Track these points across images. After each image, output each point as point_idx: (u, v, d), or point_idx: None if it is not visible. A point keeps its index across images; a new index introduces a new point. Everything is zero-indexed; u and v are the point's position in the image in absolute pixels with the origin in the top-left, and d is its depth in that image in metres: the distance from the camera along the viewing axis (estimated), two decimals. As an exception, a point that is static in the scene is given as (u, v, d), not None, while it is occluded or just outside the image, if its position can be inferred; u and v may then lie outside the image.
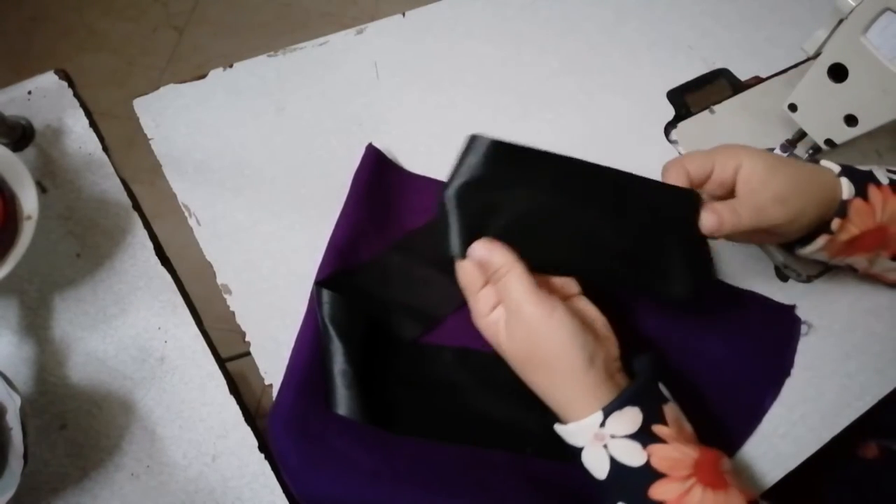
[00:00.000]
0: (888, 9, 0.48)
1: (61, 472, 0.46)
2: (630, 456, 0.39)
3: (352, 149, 0.57)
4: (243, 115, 0.60)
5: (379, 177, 0.56)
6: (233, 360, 0.61)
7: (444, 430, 0.48)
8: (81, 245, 0.53)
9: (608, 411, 0.39)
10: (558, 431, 0.42)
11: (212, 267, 0.53)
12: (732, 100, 0.63)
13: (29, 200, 0.48)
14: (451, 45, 0.65)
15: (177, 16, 1.71)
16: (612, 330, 0.44)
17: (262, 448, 0.48)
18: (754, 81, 0.65)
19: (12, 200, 0.48)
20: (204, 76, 0.61)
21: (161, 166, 0.57)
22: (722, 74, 0.66)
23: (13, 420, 0.41)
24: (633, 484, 0.39)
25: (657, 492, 0.38)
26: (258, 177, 0.57)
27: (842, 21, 0.52)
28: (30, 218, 0.47)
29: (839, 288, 0.57)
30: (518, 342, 0.41)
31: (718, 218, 0.44)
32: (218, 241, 0.54)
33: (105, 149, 0.56)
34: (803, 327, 0.55)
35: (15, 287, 0.51)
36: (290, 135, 0.59)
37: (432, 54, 0.65)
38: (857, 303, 0.56)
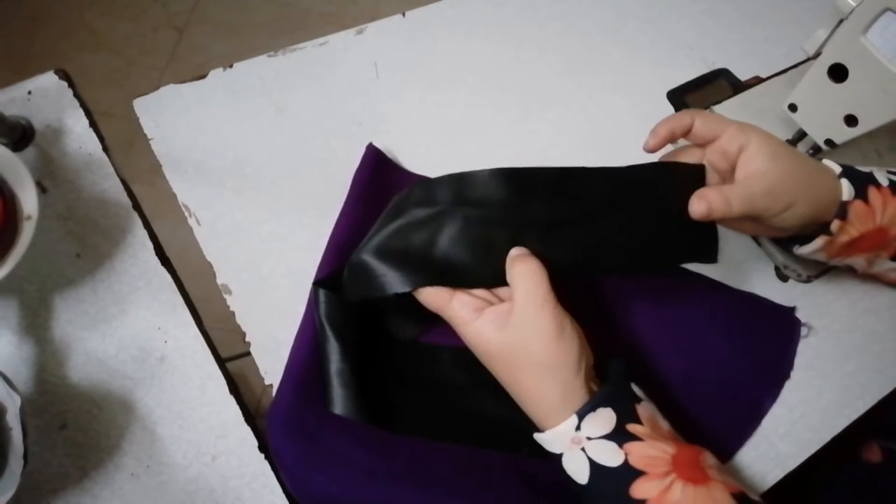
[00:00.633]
0: (888, 9, 0.48)
1: (61, 472, 0.46)
2: (608, 456, 0.39)
3: (352, 149, 0.57)
4: (243, 115, 0.60)
5: (379, 176, 0.56)
6: (233, 360, 0.61)
7: (441, 429, 0.48)
8: (81, 245, 0.53)
9: (582, 414, 0.39)
10: (538, 440, 0.42)
11: (212, 267, 0.53)
12: (732, 100, 0.63)
13: (29, 200, 0.48)
14: (451, 45, 0.65)
15: (177, 16, 1.71)
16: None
17: (262, 448, 0.48)
18: (754, 81, 0.65)
19: (12, 200, 0.48)
20: (204, 76, 0.61)
21: (161, 166, 0.57)
22: (722, 74, 0.65)
23: (13, 420, 0.41)
24: (614, 484, 0.39)
25: (638, 490, 0.38)
26: (258, 177, 0.57)
27: (842, 21, 0.52)
28: (30, 218, 0.47)
29: (839, 288, 0.57)
30: (512, 343, 0.41)
31: (708, 205, 0.44)
32: (218, 241, 0.54)
33: (105, 149, 0.56)
34: (803, 329, 0.55)
35: (15, 287, 0.51)
36: (290, 135, 0.59)
37: (432, 54, 0.65)
38: (857, 303, 0.56)
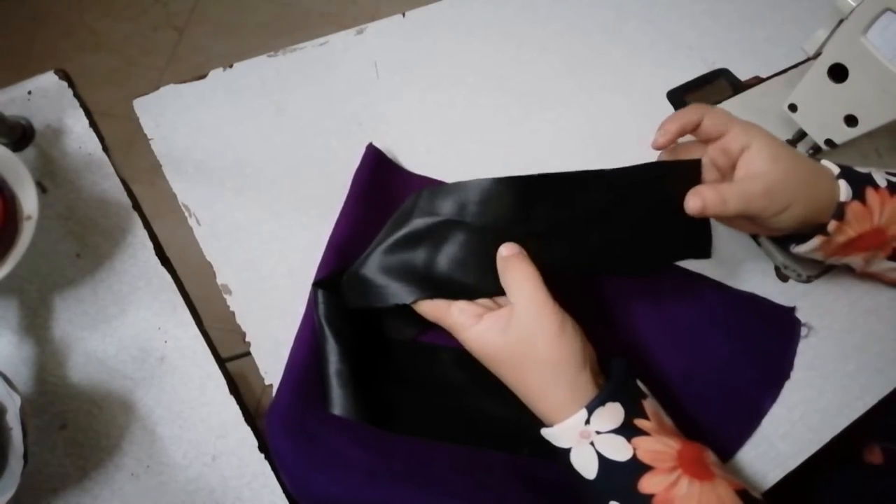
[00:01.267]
0: (888, 9, 0.48)
1: (61, 472, 0.46)
2: (616, 450, 0.39)
3: (352, 149, 0.57)
4: (243, 115, 0.60)
5: (379, 176, 0.56)
6: (233, 360, 0.61)
7: (440, 429, 0.48)
8: (81, 245, 0.53)
9: (591, 408, 0.39)
10: (545, 435, 0.42)
11: (212, 267, 0.53)
12: (732, 100, 0.63)
13: (29, 200, 0.48)
14: (451, 45, 0.65)
15: (177, 16, 1.71)
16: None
17: (262, 448, 0.48)
18: (754, 81, 0.65)
19: (12, 200, 0.48)
20: (204, 76, 0.61)
21: (161, 166, 0.57)
22: (722, 74, 0.65)
23: (13, 420, 0.41)
24: (622, 479, 0.39)
25: (646, 485, 0.38)
26: (258, 177, 0.57)
27: (842, 21, 0.52)
28: (30, 218, 0.47)
29: (839, 288, 0.57)
30: (515, 344, 0.41)
31: (703, 202, 0.45)
32: (218, 241, 0.54)
33: (105, 149, 0.56)
34: (803, 329, 0.55)
35: (15, 287, 0.51)
36: (290, 135, 0.59)
37: (432, 54, 0.65)
38: (857, 303, 0.56)
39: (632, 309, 0.54)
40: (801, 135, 0.57)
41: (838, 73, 0.52)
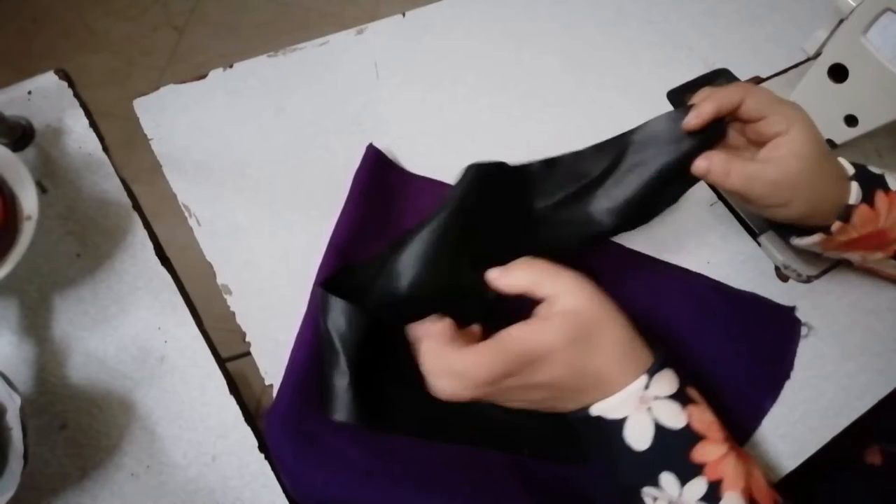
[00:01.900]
0: (888, 9, 0.48)
1: (61, 472, 0.46)
2: (673, 417, 0.39)
3: (352, 149, 0.57)
4: (243, 115, 0.60)
5: (379, 177, 0.56)
6: (233, 360, 0.61)
7: (440, 430, 0.48)
8: (81, 245, 0.53)
9: (652, 372, 0.39)
10: (597, 412, 0.40)
11: (212, 267, 0.53)
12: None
13: (29, 200, 0.48)
14: (451, 45, 0.65)
15: (177, 16, 1.71)
16: None
17: (262, 448, 0.48)
18: (754, 81, 0.65)
19: (12, 200, 0.48)
20: (204, 76, 0.61)
21: (161, 166, 0.57)
22: (722, 74, 0.65)
23: (13, 420, 0.41)
24: (676, 448, 0.38)
25: (698, 454, 0.38)
26: (258, 177, 0.57)
27: (842, 21, 0.52)
28: (30, 218, 0.47)
29: (839, 288, 0.57)
30: (567, 332, 0.39)
31: (708, 167, 0.46)
32: (218, 241, 0.54)
33: (105, 149, 0.56)
34: (803, 329, 0.55)
35: (15, 287, 0.51)
36: (290, 135, 0.59)
37: (432, 54, 0.65)
38: (857, 303, 0.56)
39: (631, 308, 0.54)
40: (801, 135, 0.57)
41: (838, 73, 0.52)
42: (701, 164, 0.46)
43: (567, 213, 0.49)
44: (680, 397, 0.39)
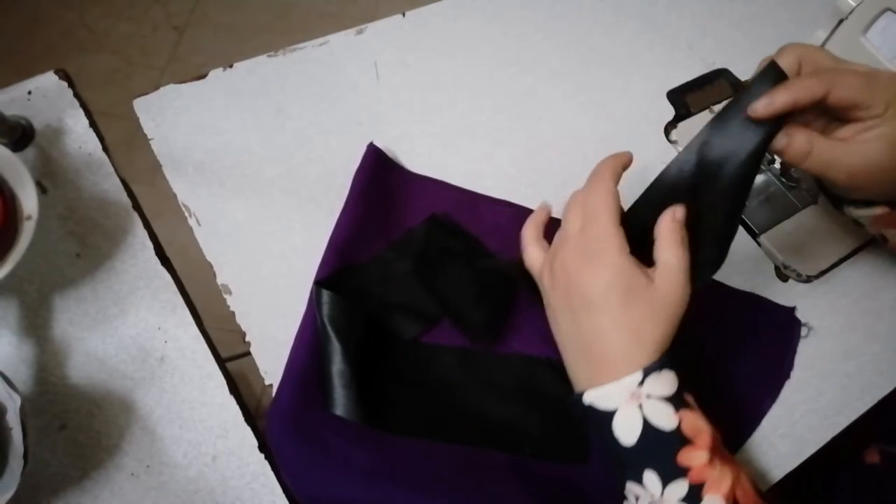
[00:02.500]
0: (888, 9, 0.48)
1: (61, 472, 0.46)
2: (663, 418, 0.38)
3: (352, 149, 0.57)
4: (243, 115, 0.60)
5: (380, 176, 0.56)
6: (233, 360, 0.61)
7: (441, 430, 0.48)
8: (81, 245, 0.53)
9: (648, 371, 0.39)
10: (589, 400, 0.40)
11: (212, 267, 0.53)
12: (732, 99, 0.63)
13: (29, 200, 0.48)
14: (451, 45, 0.65)
15: (177, 16, 1.71)
16: None
17: (262, 448, 0.48)
18: (754, 81, 0.65)
19: (12, 200, 0.48)
20: (204, 76, 0.61)
21: (161, 166, 0.57)
22: (722, 74, 0.65)
23: (13, 420, 0.41)
24: (663, 448, 0.38)
25: (684, 458, 0.38)
26: (258, 177, 0.57)
27: (842, 21, 0.52)
28: (30, 218, 0.47)
29: (839, 288, 0.57)
30: (602, 281, 0.40)
31: (787, 144, 0.41)
32: (218, 241, 0.54)
33: (105, 149, 0.56)
34: (803, 329, 0.55)
35: (15, 287, 0.51)
36: (290, 135, 0.59)
37: (432, 54, 0.65)
38: (857, 303, 0.56)
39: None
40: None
41: (838, 73, 0.52)
42: (780, 141, 0.41)
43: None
44: (675, 400, 0.39)
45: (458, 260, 0.53)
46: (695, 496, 0.37)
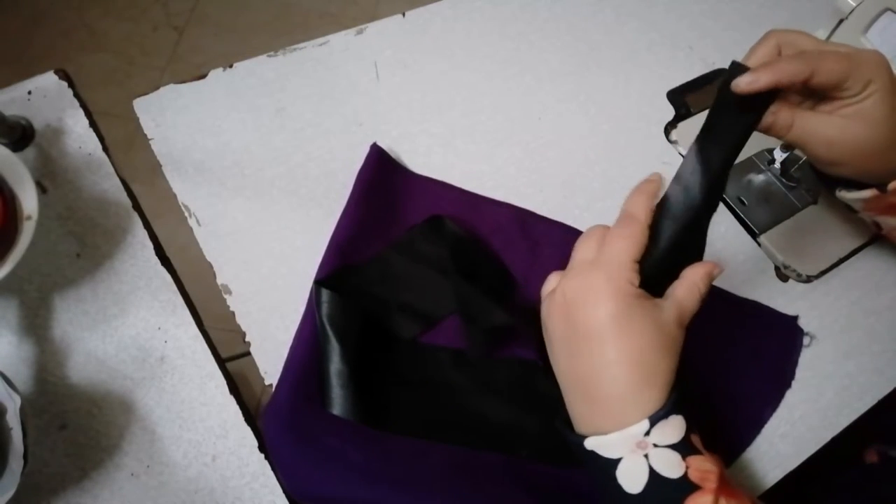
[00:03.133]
0: (888, 9, 0.48)
1: (61, 472, 0.46)
2: (670, 467, 0.36)
3: (352, 149, 0.57)
4: (243, 115, 0.60)
5: (382, 177, 0.56)
6: (233, 360, 0.61)
7: (439, 430, 0.48)
8: (81, 245, 0.53)
9: (655, 419, 0.36)
10: (591, 446, 0.38)
11: (212, 267, 0.53)
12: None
13: (29, 200, 0.48)
14: (451, 45, 0.65)
15: (177, 16, 1.71)
16: None
17: (262, 448, 0.48)
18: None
19: (12, 200, 0.48)
20: (204, 76, 0.61)
21: (161, 166, 0.57)
22: (722, 74, 0.65)
23: (13, 420, 0.41)
24: (670, 497, 0.37)
25: (691, 503, 0.36)
26: (258, 177, 0.57)
27: (842, 21, 0.52)
28: (30, 218, 0.47)
29: (839, 288, 0.57)
30: (604, 309, 0.38)
31: (773, 121, 0.42)
32: (218, 241, 0.54)
33: (105, 149, 0.56)
34: (805, 339, 0.54)
35: (15, 287, 0.51)
36: (290, 135, 0.59)
37: (432, 54, 0.65)
38: (857, 303, 0.56)
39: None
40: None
41: (838, 73, 0.52)
42: (767, 119, 0.42)
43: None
44: (682, 447, 0.37)
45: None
46: None
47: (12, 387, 0.42)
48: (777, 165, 0.60)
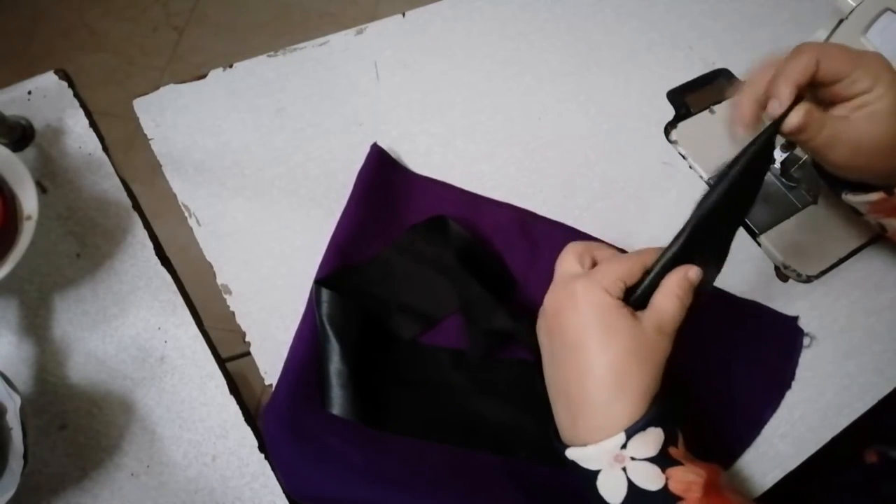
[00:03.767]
0: (888, 9, 0.48)
1: (61, 472, 0.46)
2: (648, 479, 0.37)
3: (352, 149, 0.57)
4: (243, 115, 0.60)
5: (383, 177, 0.56)
6: (233, 360, 0.61)
7: (438, 431, 0.48)
8: (81, 245, 0.53)
9: (631, 433, 0.37)
10: (572, 457, 0.39)
11: (212, 267, 0.53)
12: (732, 100, 0.63)
13: (29, 200, 0.48)
14: (451, 45, 0.65)
15: (177, 16, 1.71)
16: None
17: (262, 448, 0.48)
18: (754, 81, 0.65)
19: (12, 200, 0.48)
20: (204, 76, 0.61)
21: (161, 166, 0.57)
22: (722, 74, 0.66)
23: (13, 420, 0.41)
24: None
25: None
26: (258, 177, 0.57)
27: (842, 21, 0.52)
28: (30, 218, 0.47)
29: (839, 288, 0.57)
30: (581, 319, 0.38)
31: (801, 121, 0.40)
32: (218, 241, 0.54)
33: (105, 149, 0.56)
34: (805, 339, 0.54)
35: (15, 287, 0.51)
36: (290, 135, 0.59)
37: (432, 54, 0.65)
38: (857, 303, 0.56)
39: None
40: (801, 135, 0.57)
41: (838, 73, 0.52)
42: (793, 120, 0.40)
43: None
44: (660, 460, 0.37)
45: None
46: None
47: (12, 387, 0.42)
48: (777, 165, 0.60)
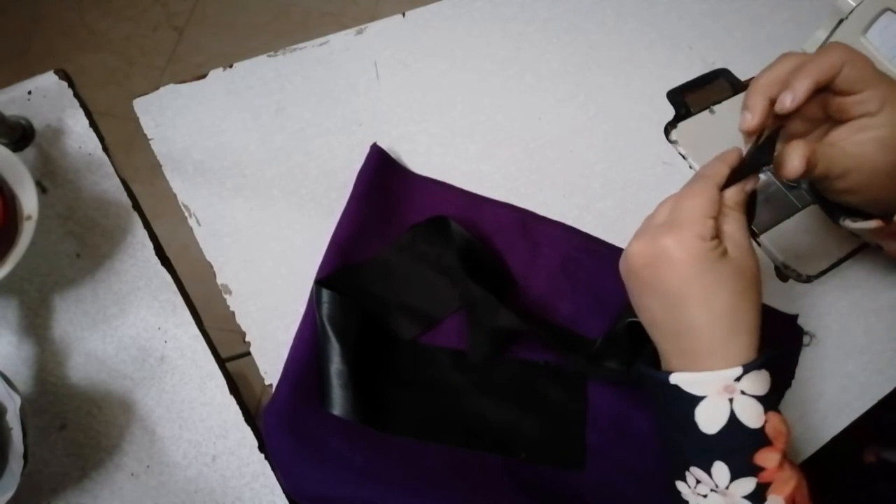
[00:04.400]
0: (888, 9, 0.48)
1: (61, 472, 0.46)
2: (751, 416, 0.38)
3: (352, 149, 0.57)
4: (243, 115, 0.60)
5: (383, 177, 0.56)
6: (233, 360, 0.61)
7: (438, 431, 0.48)
8: (81, 245, 0.53)
9: (748, 368, 0.38)
10: (676, 381, 0.39)
11: (212, 267, 0.53)
12: (732, 100, 0.63)
13: (29, 200, 0.48)
14: (451, 45, 0.65)
15: (177, 16, 1.71)
16: None
17: (262, 448, 0.48)
18: (754, 81, 0.65)
19: (12, 200, 0.48)
20: (204, 76, 0.61)
21: (161, 166, 0.57)
22: (722, 74, 0.66)
23: (13, 420, 0.41)
24: (743, 445, 0.38)
25: (761, 458, 0.38)
26: (258, 177, 0.57)
27: (842, 21, 0.52)
28: (30, 218, 0.47)
29: (839, 288, 0.57)
30: (679, 273, 0.38)
31: (805, 162, 0.40)
32: (218, 241, 0.54)
33: (105, 149, 0.56)
34: (805, 338, 0.54)
35: (15, 287, 0.51)
36: (290, 135, 0.59)
37: (432, 55, 0.65)
38: (857, 303, 0.56)
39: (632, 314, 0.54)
40: (801, 135, 0.57)
41: (838, 73, 0.52)
42: (794, 165, 0.40)
43: None
44: (766, 400, 0.38)
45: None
46: (759, 496, 0.38)
47: (12, 387, 0.42)
48: (777, 165, 0.60)
